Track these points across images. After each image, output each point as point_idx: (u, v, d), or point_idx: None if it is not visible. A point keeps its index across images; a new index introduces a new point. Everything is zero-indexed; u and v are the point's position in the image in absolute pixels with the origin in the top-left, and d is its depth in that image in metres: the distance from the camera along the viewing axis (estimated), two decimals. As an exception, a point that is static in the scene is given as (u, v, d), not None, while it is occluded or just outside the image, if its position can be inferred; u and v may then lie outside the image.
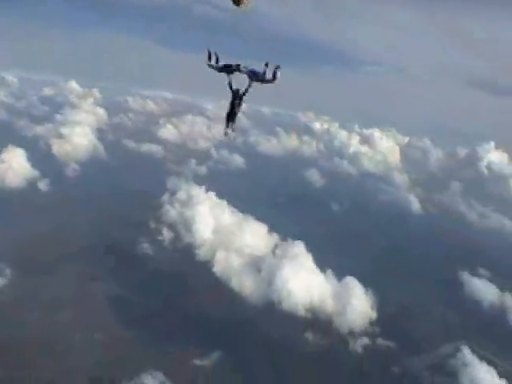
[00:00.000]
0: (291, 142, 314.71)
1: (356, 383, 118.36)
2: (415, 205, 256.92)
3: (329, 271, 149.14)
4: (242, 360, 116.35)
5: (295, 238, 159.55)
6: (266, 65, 27.81)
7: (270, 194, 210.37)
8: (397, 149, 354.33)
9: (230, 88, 28.43)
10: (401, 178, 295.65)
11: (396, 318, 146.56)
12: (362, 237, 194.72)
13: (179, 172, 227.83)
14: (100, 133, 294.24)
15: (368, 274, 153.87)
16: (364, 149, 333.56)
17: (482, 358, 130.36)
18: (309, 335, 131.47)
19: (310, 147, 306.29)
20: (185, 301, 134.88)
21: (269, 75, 27.89)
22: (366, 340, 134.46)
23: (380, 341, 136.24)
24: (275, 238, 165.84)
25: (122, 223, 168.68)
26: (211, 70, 28.97)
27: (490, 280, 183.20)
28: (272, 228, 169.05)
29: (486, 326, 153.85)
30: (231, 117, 28.71)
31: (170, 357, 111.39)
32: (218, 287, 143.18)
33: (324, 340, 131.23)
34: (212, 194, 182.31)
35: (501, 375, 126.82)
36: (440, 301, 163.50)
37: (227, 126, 28.80)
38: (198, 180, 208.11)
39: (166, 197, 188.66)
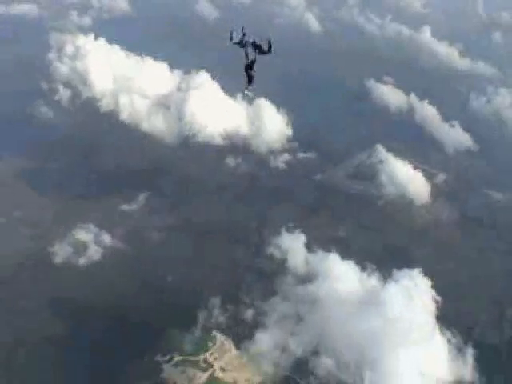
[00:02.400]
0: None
1: (282, 197, 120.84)
2: (314, 24, 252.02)
3: (238, 96, 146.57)
4: (166, 200, 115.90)
5: (198, 69, 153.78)
6: (269, 43, 32.00)
7: (164, 33, 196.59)
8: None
9: (246, 57, 32.98)
10: (296, 0, 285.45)
11: (312, 132, 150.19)
12: (264, 60, 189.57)
13: (61, 27, 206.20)
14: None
15: (277, 94, 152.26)
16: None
17: (396, 155, 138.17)
18: (229, 161, 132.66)
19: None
20: (100, 154, 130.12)
21: (265, 48, 32.10)
22: (286, 156, 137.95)
23: (300, 155, 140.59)
24: (178, 73, 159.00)
25: (13, 93, 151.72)
26: None
27: (395, 86, 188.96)
28: (173, 65, 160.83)
29: (396, 128, 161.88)
30: (249, 79, 33.85)
31: (98, 208, 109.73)
32: (130, 133, 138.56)
33: (245, 163, 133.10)
34: (102, 41, 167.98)
35: (415, 168, 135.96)
36: (350, 111, 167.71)
37: (246, 87, 34.23)
38: (83, 32, 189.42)
39: (52, 54, 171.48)
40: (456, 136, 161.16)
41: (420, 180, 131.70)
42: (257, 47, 32.61)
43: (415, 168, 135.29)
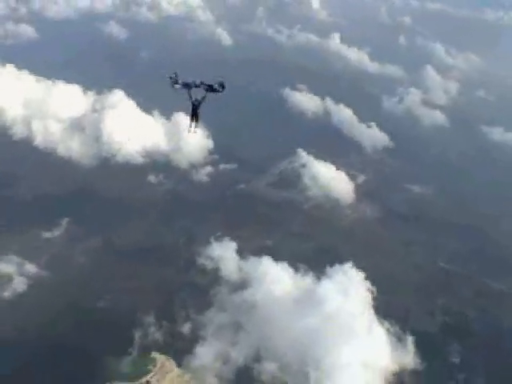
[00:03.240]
0: (80, 0, 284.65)
1: (207, 210, 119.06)
2: (225, 38, 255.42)
3: (155, 112, 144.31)
4: (89, 223, 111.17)
5: (111, 89, 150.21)
6: (221, 84, 33.89)
7: (75, 56, 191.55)
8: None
9: (190, 99, 35.44)
10: (205, 16, 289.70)
11: (232, 143, 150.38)
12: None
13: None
14: None
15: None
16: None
17: (317, 158, 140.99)
18: (151, 178, 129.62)
19: (102, 2, 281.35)
20: (16, 183, 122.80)
21: (217, 87, 33.92)
22: (208, 168, 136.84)
23: (222, 166, 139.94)
24: (91, 95, 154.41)
25: None
26: None
27: (310, 92, 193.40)
28: (86, 87, 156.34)
29: (315, 133, 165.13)
30: (195, 118, 36.81)
31: (19, 239, 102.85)
32: (45, 159, 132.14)
33: (167, 179, 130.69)
34: (10, 67, 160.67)
35: (337, 168, 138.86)
36: (268, 120, 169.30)
37: (190, 125, 37.13)
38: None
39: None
40: (373, 135, 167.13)
41: (343, 180, 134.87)
42: (208, 87, 34.41)
43: (337, 169, 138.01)
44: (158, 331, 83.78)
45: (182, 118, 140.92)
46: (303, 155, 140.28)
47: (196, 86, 34.77)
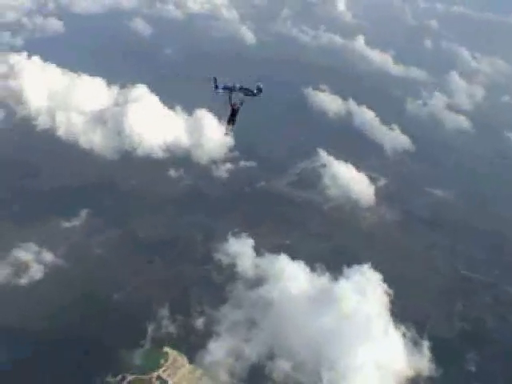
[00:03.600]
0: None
1: (226, 207, 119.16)
2: (249, 36, 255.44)
3: (178, 108, 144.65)
4: (108, 215, 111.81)
5: (134, 83, 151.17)
6: (258, 88, 36.14)
7: (100, 50, 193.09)
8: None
9: (230, 102, 36.70)
10: (230, 15, 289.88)
11: (253, 141, 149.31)
12: (201, 72, 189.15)
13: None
14: None
15: (217, 105, 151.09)
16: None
17: (337, 158, 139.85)
18: (172, 173, 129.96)
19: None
20: (39, 173, 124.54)
21: (253, 91, 35.98)
22: (228, 165, 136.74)
23: (242, 164, 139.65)
24: (115, 89, 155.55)
25: None
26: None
27: (332, 93, 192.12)
28: (110, 81, 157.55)
29: (336, 134, 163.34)
30: (232, 122, 38.23)
31: (39, 227, 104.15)
32: (68, 150, 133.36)
33: (187, 175, 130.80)
34: (36, 59, 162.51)
35: (358, 170, 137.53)
36: (290, 119, 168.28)
37: (227, 128, 38.69)
38: (17, 51, 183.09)
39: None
40: (395, 138, 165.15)
41: (364, 181, 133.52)
42: (246, 91, 36.64)
43: (358, 170, 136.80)
44: (172, 324, 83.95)
45: (204, 115, 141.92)
46: (324, 155, 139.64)
47: (236, 90, 36.70)
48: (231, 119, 38.60)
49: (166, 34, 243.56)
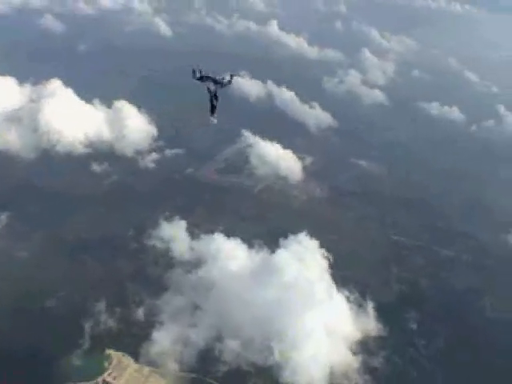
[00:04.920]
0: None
1: (155, 197, 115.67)
2: (164, 28, 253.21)
3: (96, 101, 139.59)
4: (31, 218, 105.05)
5: (48, 79, 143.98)
6: (230, 76, 36.46)
7: (10, 50, 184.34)
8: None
9: (208, 90, 36.75)
10: (143, 8, 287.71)
11: (176, 129, 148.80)
12: (117, 66, 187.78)
13: None
14: None
15: (136, 96, 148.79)
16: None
17: (263, 138, 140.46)
18: (95, 168, 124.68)
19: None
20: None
21: (227, 80, 36.31)
22: (154, 155, 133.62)
23: (168, 152, 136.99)
24: (28, 87, 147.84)
25: None
26: None
27: (252, 77, 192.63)
28: (22, 80, 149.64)
29: (259, 116, 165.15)
30: (213, 109, 37.54)
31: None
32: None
33: (112, 168, 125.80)
34: None
35: (284, 147, 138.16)
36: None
37: (211, 115, 37.74)
38: None
39: None
40: (317, 116, 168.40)
41: (291, 158, 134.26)
42: (216, 82, 36.70)
43: (284, 148, 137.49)
44: (111, 319, 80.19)
45: (124, 106, 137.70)
46: (249, 136, 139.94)
47: (204, 80, 36.64)
48: (212, 107, 37.85)
49: (79, 31, 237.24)
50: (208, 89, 36.85)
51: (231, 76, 36.32)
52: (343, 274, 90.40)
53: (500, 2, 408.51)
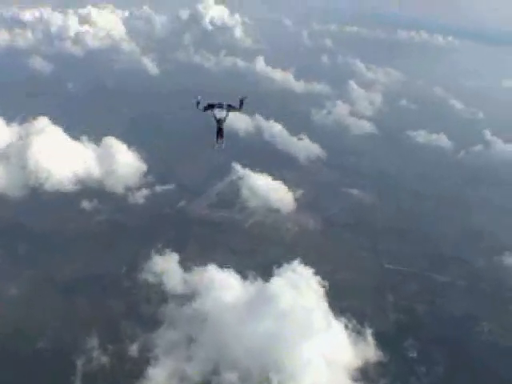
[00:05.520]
0: (1, 36, 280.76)
1: (146, 234, 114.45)
2: (151, 67, 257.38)
3: (84, 138, 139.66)
4: (20, 258, 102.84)
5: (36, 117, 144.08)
6: (241, 101, 35.94)
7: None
8: (119, 22, 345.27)
9: (215, 118, 36.79)
10: (131, 48, 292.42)
11: (166, 166, 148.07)
12: (107, 106, 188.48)
13: None
14: None
15: (125, 134, 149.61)
16: (85, 28, 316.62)
17: (253, 171, 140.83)
18: (85, 205, 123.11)
19: (25, 38, 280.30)
20: None
21: (237, 105, 36.19)
22: (144, 191, 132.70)
23: (159, 188, 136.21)
24: (15, 126, 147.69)
25: None
26: None
27: (239, 113, 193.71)
28: (9, 119, 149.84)
29: (248, 150, 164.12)
30: (220, 135, 37.50)
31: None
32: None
33: (102, 205, 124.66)
34: None
35: (275, 179, 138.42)
36: (202, 143, 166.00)
37: (216, 142, 37.35)
38: None
39: None
40: (306, 148, 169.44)
41: (282, 189, 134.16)
42: (230, 107, 36.70)
43: (274, 180, 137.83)
44: (103, 355, 77.93)
45: (113, 142, 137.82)
46: (239, 168, 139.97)
47: (219, 107, 36.69)
48: (218, 133, 37.97)
49: (67, 70, 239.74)
50: (214, 117, 37.05)
51: (241, 100, 36.02)
52: (339, 303, 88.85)
53: (484, 33, 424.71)
